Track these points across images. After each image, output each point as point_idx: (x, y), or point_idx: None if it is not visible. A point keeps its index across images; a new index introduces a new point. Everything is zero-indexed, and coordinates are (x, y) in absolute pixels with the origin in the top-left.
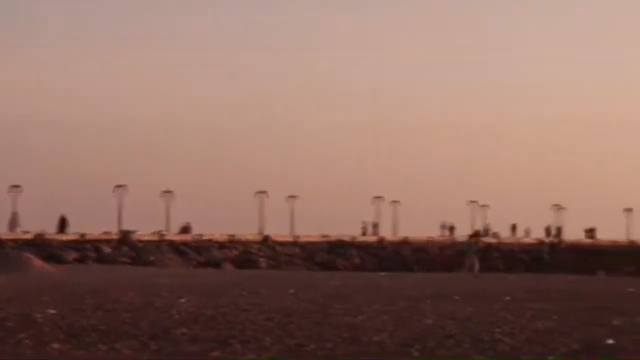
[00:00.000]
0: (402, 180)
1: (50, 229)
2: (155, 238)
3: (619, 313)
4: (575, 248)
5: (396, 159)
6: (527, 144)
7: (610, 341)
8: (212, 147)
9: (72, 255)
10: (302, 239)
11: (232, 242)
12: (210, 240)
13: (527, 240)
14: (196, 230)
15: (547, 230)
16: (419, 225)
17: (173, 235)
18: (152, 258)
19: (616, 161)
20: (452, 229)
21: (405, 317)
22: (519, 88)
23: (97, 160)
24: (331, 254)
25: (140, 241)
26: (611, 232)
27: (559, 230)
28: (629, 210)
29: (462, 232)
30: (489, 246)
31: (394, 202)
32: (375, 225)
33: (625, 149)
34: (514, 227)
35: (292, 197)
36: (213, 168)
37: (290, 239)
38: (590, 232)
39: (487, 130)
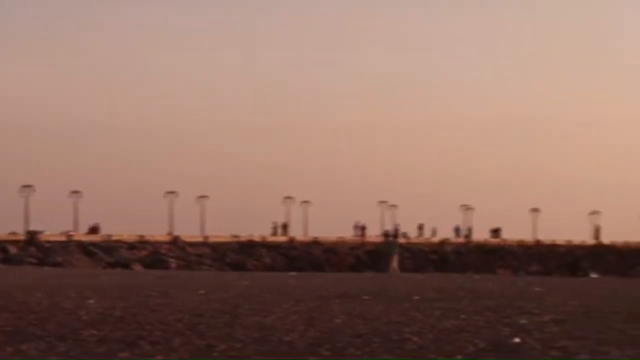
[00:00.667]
0: (313, 181)
1: None
2: (63, 238)
3: (526, 312)
4: (483, 248)
5: (307, 159)
6: (436, 145)
7: (517, 340)
8: (121, 147)
9: None
10: (212, 239)
11: (141, 243)
12: (119, 241)
13: (435, 240)
14: (105, 230)
15: (457, 231)
16: (329, 225)
17: (81, 235)
18: (59, 259)
19: (522, 162)
20: (364, 229)
21: (315, 317)
22: (429, 90)
23: (4, 161)
24: (241, 254)
25: (48, 242)
26: (518, 231)
27: (469, 230)
28: (535, 210)
29: (374, 232)
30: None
31: (305, 202)
32: (285, 226)
33: (531, 150)
34: (420, 227)
35: (202, 197)
36: (122, 168)
37: (200, 239)
38: (496, 232)
39: (397, 131)
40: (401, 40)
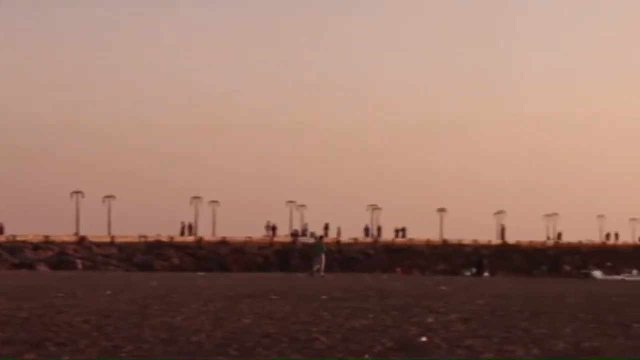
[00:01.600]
0: (222, 181)
1: None
2: None
3: (433, 311)
4: (390, 248)
5: (215, 159)
6: (345, 145)
7: (424, 339)
8: (27, 146)
9: None
10: (120, 240)
11: (47, 243)
12: (24, 242)
13: (343, 240)
14: (9, 231)
15: (366, 230)
16: (238, 225)
17: None
18: None
19: (430, 162)
20: (275, 229)
21: (224, 317)
22: (336, 91)
23: None
24: (149, 255)
25: None
26: (425, 231)
27: (379, 230)
28: (442, 210)
29: (284, 232)
30: (307, 246)
31: (213, 202)
32: (190, 226)
33: (439, 151)
34: (326, 227)
35: (109, 197)
36: (28, 167)
37: (107, 239)
38: (402, 231)
39: (304, 130)
40: (315, 43)
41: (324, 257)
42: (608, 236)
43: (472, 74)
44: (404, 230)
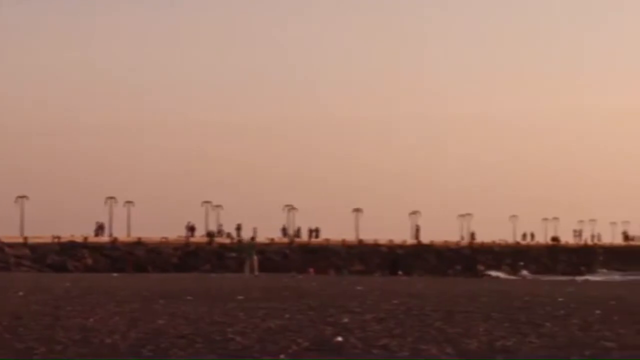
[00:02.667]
0: (136, 181)
1: None
2: None
3: (348, 311)
4: (306, 248)
5: (130, 159)
6: (261, 144)
7: (339, 339)
8: None
9: None
10: (32, 240)
11: None
12: None
13: (260, 240)
14: None
15: (284, 231)
16: (154, 225)
17: None
18: None
19: (345, 162)
20: (193, 229)
21: (138, 318)
22: (252, 87)
23: None
24: (62, 255)
25: None
26: (340, 231)
27: (298, 230)
28: (357, 210)
29: (201, 233)
30: (224, 246)
31: (128, 202)
32: (102, 227)
33: (355, 150)
34: (239, 227)
35: (22, 197)
36: None
37: (19, 240)
38: (315, 231)
39: (219, 129)
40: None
41: (255, 257)
42: (524, 236)
43: (384, 75)
44: (317, 230)
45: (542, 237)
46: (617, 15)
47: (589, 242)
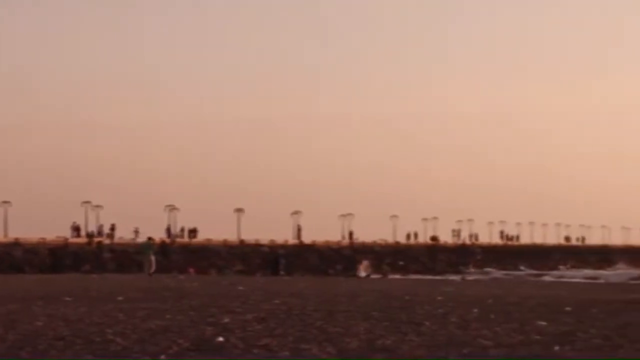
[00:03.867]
0: (14, 181)
1: None
2: None
3: (229, 311)
4: (187, 248)
5: (7, 158)
6: (141, 144)
7: (220, 339)
8: None
9: None
10: None
11: None
12: None
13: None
14: None
15: (168, 231)
16: (32, 226)
17: None
18: None
19: (227, 162)
20: (78, 229)
21: (16, 320)
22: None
23: None
24: None
25: None
26: (222, 231)
27: (182, 230)
28: (239, 210)
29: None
30: (101, 246)
31: (5, 202)
32: None
33: (237, 149)
34: (112, 228)
35: None
36: None
37: None
38: (193, 232)
39: (97, 129)
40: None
41: (153, 257)
42: (409, 236)
43: (266, 74)
44: (194, 230)
45: (422, 237)
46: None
47: (467, 241)
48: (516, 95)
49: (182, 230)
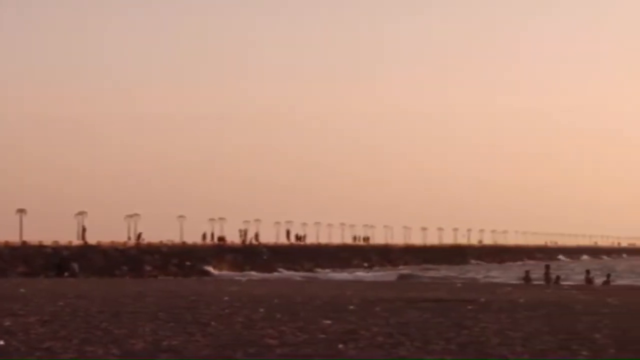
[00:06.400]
0: None
1: None
2: None
3: (11, 314)
4: None
5: None
6: None
7: (1, 342)
8: None
9: None
10: None
11: None
12: None
13: None
14: None
15: None
16: None
17: None
18: None
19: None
20: None
21: None
22: None
23: None
24: None
25: None
26: (4, 233)
27: None
28: (21, 211)
29: None
30: None
31: None
32: None
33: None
34: None
35: None
36: None
37: None
38: None
39: None
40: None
41: None
42: (204, 236)
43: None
44: None
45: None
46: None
47: (254, 241)
48: (293, 95)
49: None
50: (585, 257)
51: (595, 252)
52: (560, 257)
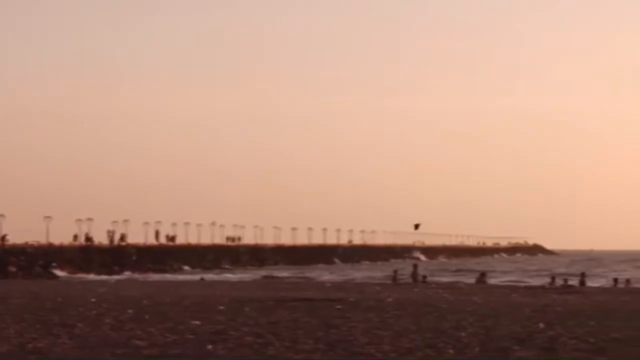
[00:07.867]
0: None
1: None
2: None
3: None
4: None
5: None
6: None
7: None
8: None
9: None
10: None
11: None
12: None
13: None
14: None
15: None
16: None
17: None
18: None
19: None
20: None
21: None
22: None
23: None
24: None
25: None
26: None
27: None
28: None
29: None
30: None
31: None
32: None
33: None
34: None
35: None
36: None
37: None
38: None
39: None
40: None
41: None
42: (76, 237)
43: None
44: None
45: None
46: None
47: (120, 242)
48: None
49: None
50: (442, 258)
51: (456, 252)
52: (420, 255)
